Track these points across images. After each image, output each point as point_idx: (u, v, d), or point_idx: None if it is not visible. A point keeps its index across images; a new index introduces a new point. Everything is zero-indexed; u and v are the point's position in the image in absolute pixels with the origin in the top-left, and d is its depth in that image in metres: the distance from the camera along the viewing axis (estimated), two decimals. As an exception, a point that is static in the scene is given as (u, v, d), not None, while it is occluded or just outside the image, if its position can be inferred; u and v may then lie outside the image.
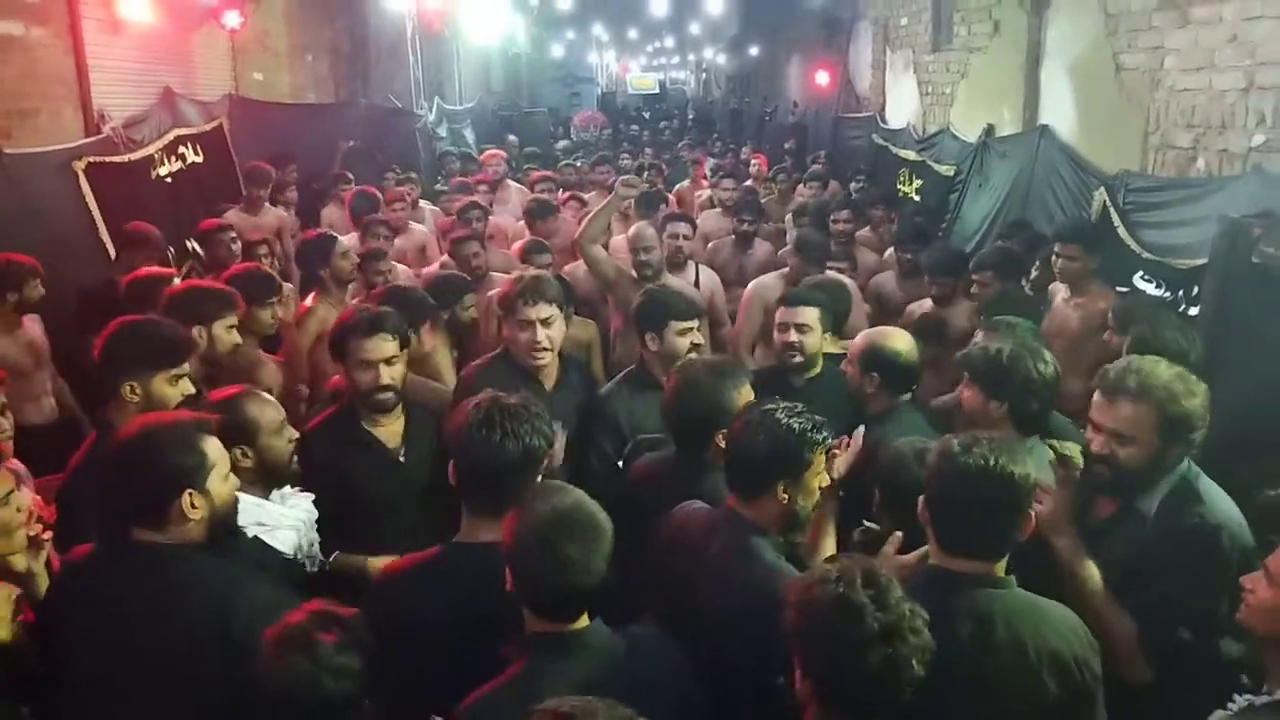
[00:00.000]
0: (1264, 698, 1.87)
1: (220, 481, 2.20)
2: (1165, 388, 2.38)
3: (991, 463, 2.00)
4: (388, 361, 2.99)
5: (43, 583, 2.37)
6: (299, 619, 1.91)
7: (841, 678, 1.74)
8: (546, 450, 2.31)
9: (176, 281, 4.30)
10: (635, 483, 2.90)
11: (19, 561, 2.31)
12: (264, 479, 2.64)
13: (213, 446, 2.20)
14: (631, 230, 4.88)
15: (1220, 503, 2.43)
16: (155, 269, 4.41)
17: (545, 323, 3.33)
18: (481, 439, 2.24)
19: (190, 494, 2.12)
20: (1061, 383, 2.97)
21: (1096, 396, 2.48)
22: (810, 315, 3.62)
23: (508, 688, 1.90)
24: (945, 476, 2.06)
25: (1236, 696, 1.88)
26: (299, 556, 2.61)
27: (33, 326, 4.62)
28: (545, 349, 3.34)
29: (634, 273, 4.70)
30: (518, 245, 5.41)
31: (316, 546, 2.72)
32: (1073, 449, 2.50)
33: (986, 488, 2.00)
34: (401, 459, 3.04)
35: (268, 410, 2.67)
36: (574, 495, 2.03)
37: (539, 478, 2.31)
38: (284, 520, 2.59)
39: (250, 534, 2.47)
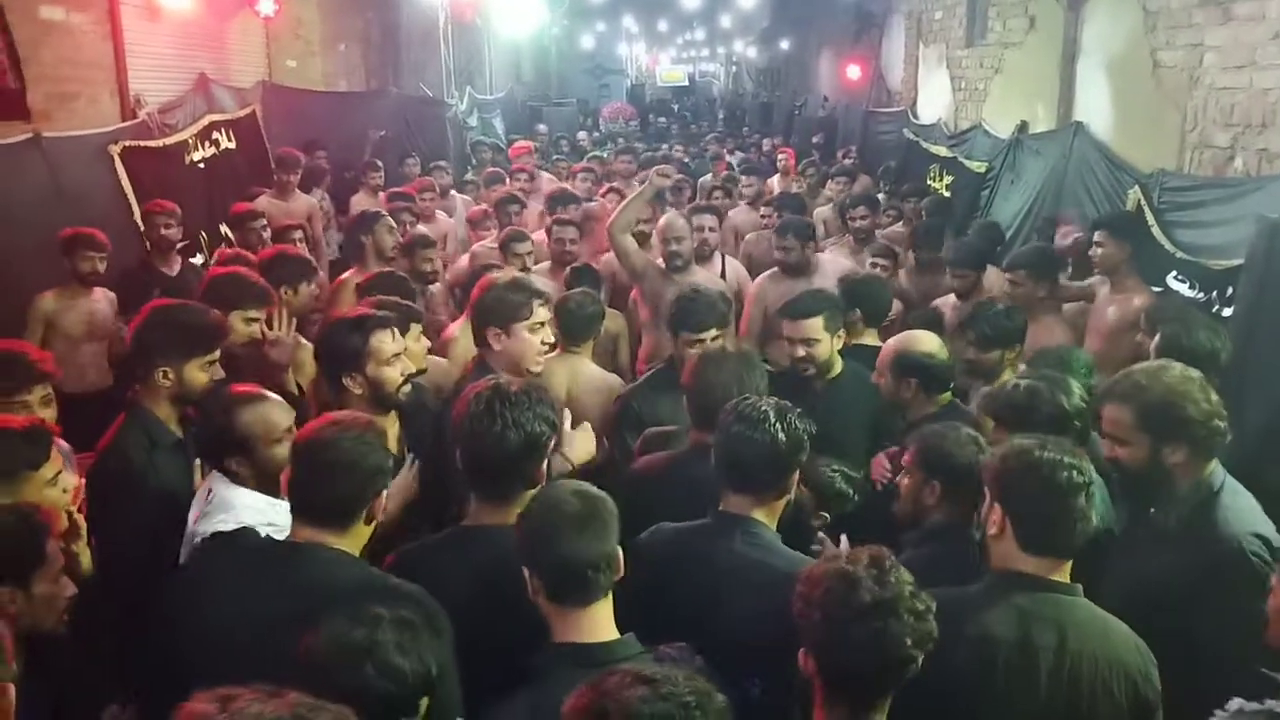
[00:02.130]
0: (1254, 705, 1.81)
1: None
2: (1137, 383, 2.34)
3: (1067, 459, 2.03)
4: (400, 354, 2.90)
5: (85, 559, 2.41)
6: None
7: (834, 651, 1.76)
8: (551, 435, 2.30)
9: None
10: (638, 472, 2.84)
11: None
12: (269, 487, 2.51)
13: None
14: (661, 221, 4.86)
15: (1249, 519, 2.33)
16: (240, 251, 4.44)
17: (547, 325, 3.21)
18: (484, 429, 2.22)
19: (384, 494, 2.13)
20: (1099, 377, 2.93)
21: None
22: (814, 327, 3.50)
23: (524, 701, 1.84)
24: (1025, 475, 2.05)
25: (1233, 699, 1.84)
26: None
27: (100, 299, 4.75)
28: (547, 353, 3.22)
29: (663, 263, 4.69)
30: (502, 234, 5.44)
31: None
32: None
33: (1066, 484, 2.01)
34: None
35: (271, 415, 2.52)
36: (572, 484, 2.05)
37: (545, 462, 2.31)
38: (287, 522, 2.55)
39: (263, 534, 2.38)
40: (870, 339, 3.93)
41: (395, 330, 2.89)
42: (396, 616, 1.81)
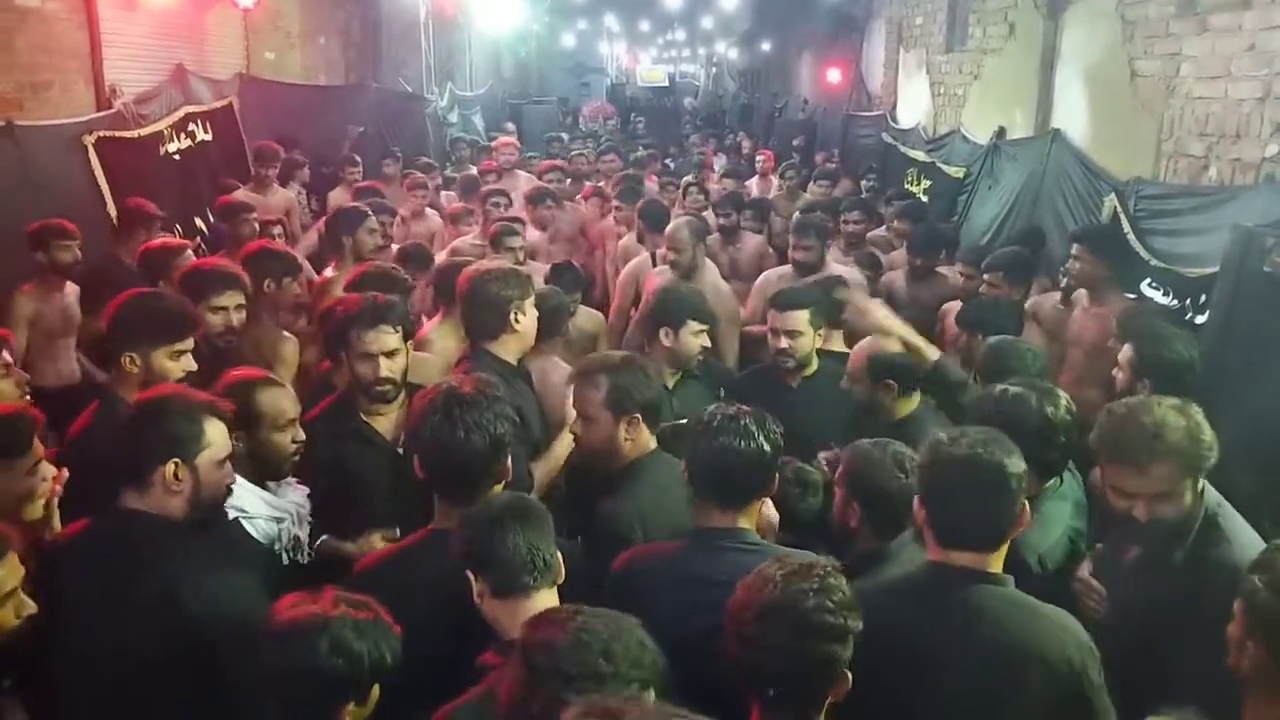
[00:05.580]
0: None
1: (212, 465, 2.16)
2: (1178, 433, 2.29)
3: (981, 451, 2.02)
4: (389, 354, 2.88)
5: None
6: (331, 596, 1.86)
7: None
8: (511, 432, 2.30)
9: (189, 254, 4.32)
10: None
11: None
12: (259, 469, 2.60)
13: (214, 428, 2.17)
14: (669, 228, 4.87)
15: (1246, 540, 2.31)
16: (169, 241, 4.39)
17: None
18: (446, 435, 2.21)
19: (176, 464, 2.10)
20: (1079, 391, 2.91)
21: (1118, 467, 2.33)
22: (799, 319, 3.56)
23: (485, 699, 1.82)
24: (937, 468, 2.06)
25: None
26: (276, 548, 2.56)
27: (71, 293, 4.69)
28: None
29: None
30: (492, 229, 5.35)
31: (303, 540, 2.70)
32: None
33: (977, 475, 2.01)
34: (400, 450, 2.90)
35: (280, 402, 2.64)
36: (506, 492, 2.18)
37: (508, 460, 2.32)
38: (263, 510, 2.54)
39: (231, 516, 2.42)
40: (837, 344, 3.91)
41: (373, 330, 2.87)
42: (351, 600, 1.84)
